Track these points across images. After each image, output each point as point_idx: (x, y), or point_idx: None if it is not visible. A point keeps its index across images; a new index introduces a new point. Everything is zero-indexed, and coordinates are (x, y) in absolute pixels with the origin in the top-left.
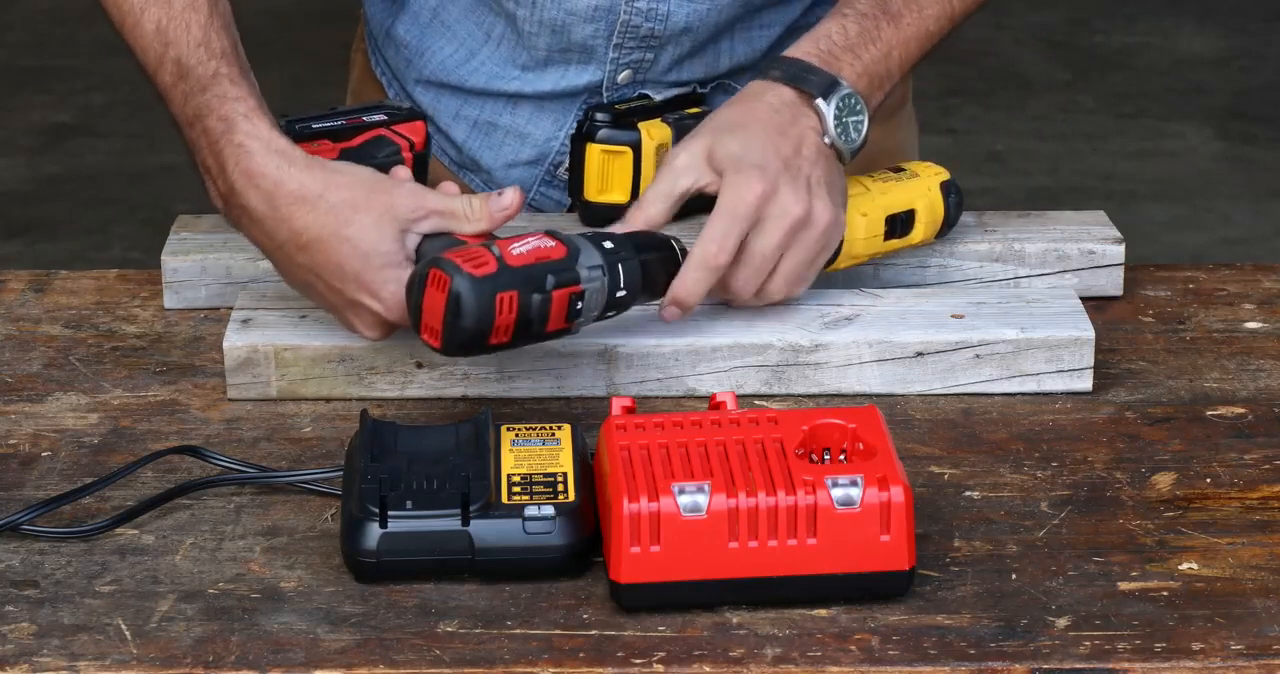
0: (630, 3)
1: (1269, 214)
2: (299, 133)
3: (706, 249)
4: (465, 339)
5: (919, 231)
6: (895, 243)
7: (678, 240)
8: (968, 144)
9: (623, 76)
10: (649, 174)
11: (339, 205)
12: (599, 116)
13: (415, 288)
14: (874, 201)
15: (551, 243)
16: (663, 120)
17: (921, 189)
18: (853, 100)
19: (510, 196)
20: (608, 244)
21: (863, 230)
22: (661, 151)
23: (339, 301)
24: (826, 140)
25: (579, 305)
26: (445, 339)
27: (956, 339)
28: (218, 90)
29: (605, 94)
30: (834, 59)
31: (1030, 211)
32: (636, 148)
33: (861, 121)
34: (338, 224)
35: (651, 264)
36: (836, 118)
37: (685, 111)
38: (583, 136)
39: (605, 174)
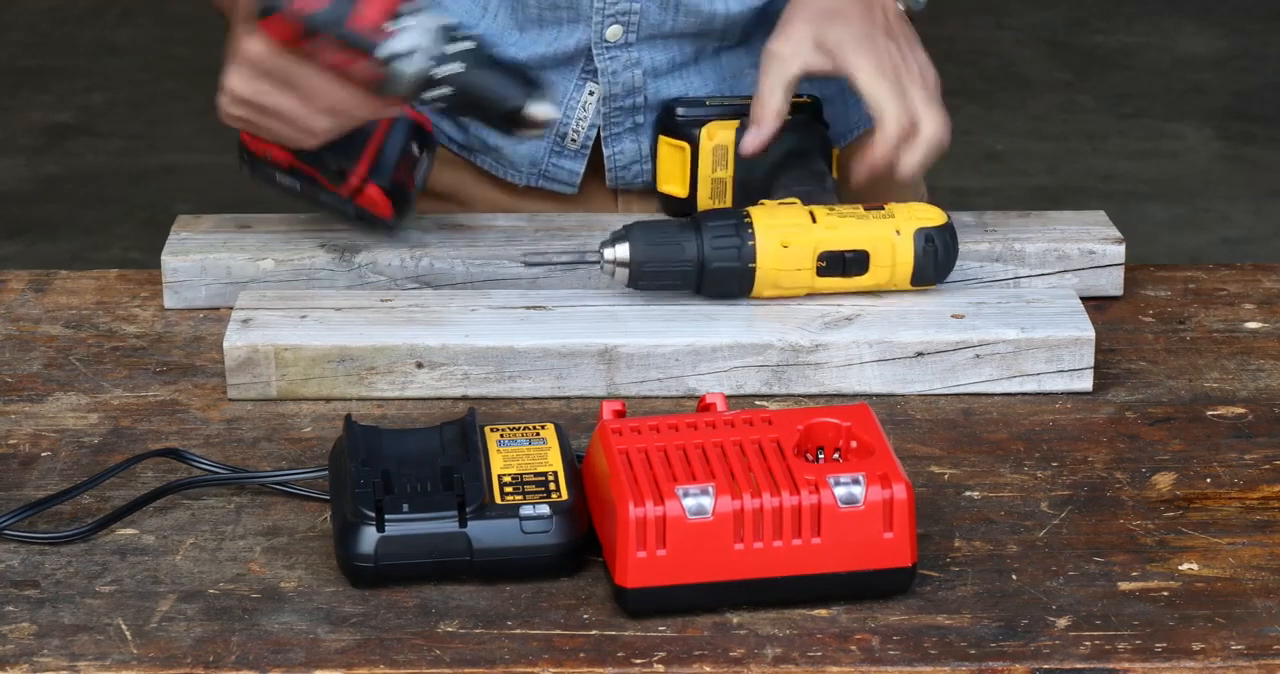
0: None
1: (1269, 214)
2: None
3: (897, 117)
4: (267, 6)
5: (876, 275)
6: (838, 281)
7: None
8: (968, 144)
9: (611, 32)
10: (705, 171)
11: None
12: (680, 111)
13: None
14: (808, 236)
15: None
16: (740, 122)
17: (884, 231)
18: None
19: None
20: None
21: (781, 261)
22: (720, 152)
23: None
24: (900, 7)
25: (400, 11)
26: (259, 9)
27: (956, 339)
28: None
29: (597, 57)
30: None
31: (1030, 211)
32: (695, 144)
33: None
34: None
35: (503, 68)
36: None
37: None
38: (658, 125)
39: (668, 166)
